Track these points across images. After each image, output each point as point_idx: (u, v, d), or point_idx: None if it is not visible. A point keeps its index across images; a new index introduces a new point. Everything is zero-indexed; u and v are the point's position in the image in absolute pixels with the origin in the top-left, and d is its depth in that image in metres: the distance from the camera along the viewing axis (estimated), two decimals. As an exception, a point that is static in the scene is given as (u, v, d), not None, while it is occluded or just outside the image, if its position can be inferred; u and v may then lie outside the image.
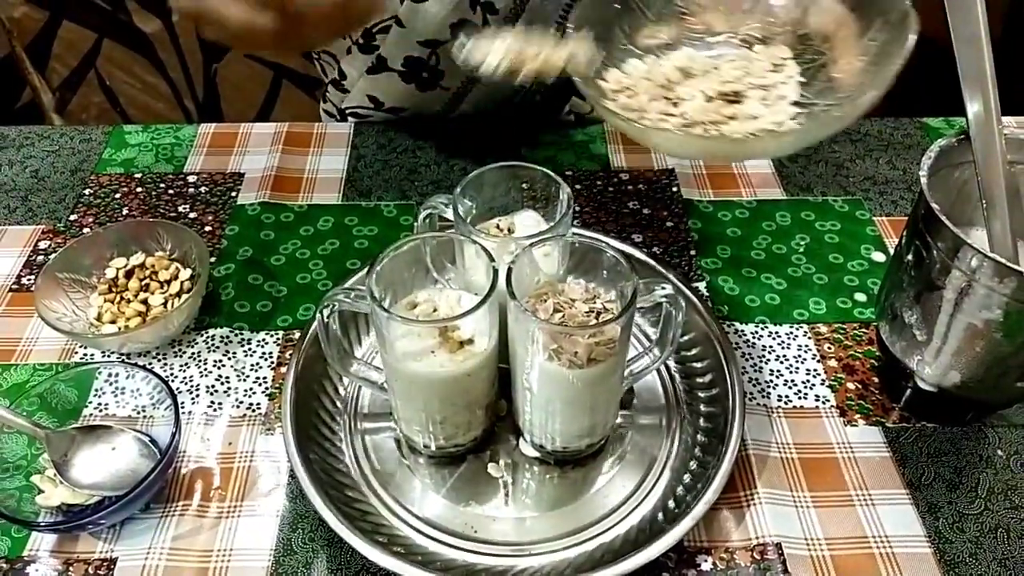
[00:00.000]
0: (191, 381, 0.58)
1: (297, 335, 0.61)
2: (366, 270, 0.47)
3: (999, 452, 0.54)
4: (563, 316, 0.47)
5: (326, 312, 0.48)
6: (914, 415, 0.56)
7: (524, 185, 0.54)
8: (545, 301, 0.47)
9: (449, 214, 0.52)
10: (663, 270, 0.61)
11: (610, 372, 0.47)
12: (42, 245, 0.69)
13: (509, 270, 0.45)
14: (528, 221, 0.55)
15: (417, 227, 0.55)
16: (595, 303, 0.48)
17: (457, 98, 0.82)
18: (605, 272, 0.48)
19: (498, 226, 0.54)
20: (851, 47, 0.51)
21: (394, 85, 0.80)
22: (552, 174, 0.52)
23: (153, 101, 1.56)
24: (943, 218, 0.45)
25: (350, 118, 0.86)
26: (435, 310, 0.50)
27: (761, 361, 0.60)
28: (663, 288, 0.47)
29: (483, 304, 0.45)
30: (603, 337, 0.45)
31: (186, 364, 0.60)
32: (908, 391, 0.55)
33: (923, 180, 0.47)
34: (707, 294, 0.65)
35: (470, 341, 0.48)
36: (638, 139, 0.50)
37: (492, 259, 0.46)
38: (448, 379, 0.47)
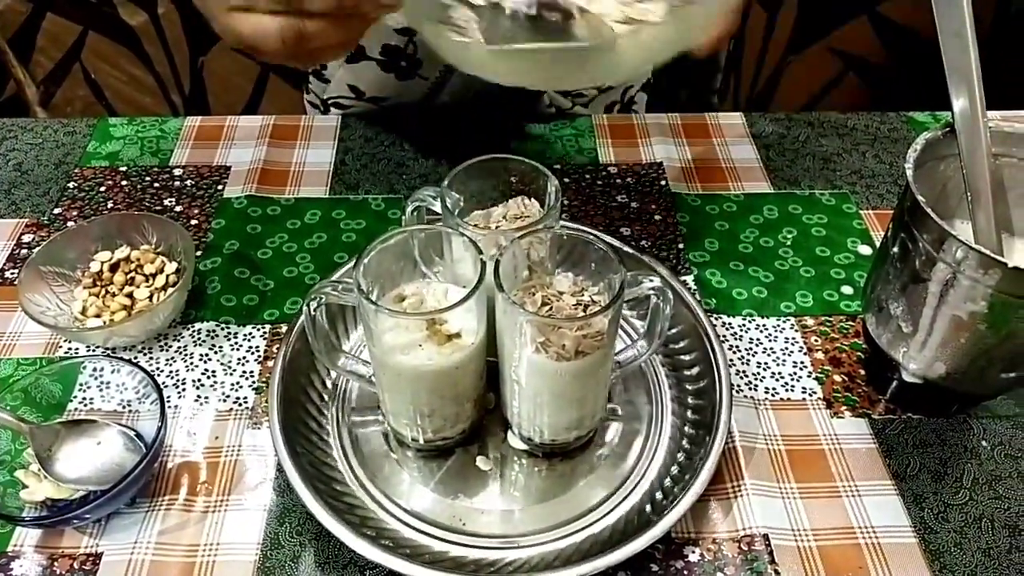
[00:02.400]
0: (177, 375, 0.58)
1: (284, 329, 0.60)
2: (353, 263, 0.47)
3: (984, 443, 0.55)
4: (551, 309, 0.47)
5: (313, 305, 0.48)
6: (900, 407, 0.56)
7: (512, 178, 0.54)
8: (533, 294, 0.47)
9: (437, 207, 0.52)
10: (651, 263, 0.61)
11: (598, 365, 0.47)
12: (26, 239, 0.69)
13: (497, 263, 0.45)
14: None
15: (405, 220, 0.54)
16: (583, 296, 0.48)
17: (436, 88, 0.82)
18: (593, 265, 0.48)
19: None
20: None
21: (373, 74, 0.80)
22: (540, 166, 0.52)
23: (139, 95, 1.55)
24: (928, 210, 0.45)
25: (333, 109, 0.86)
26: (422, 303, 0.49)
27: (748, 354, 0.60)
28: (651, 281, 0.47)
29: (470, 296, 0.44)
30: (591, 330, 0.45)
31: (172, 358, 0.59)
32: (894, 383, 0.56)
33: (909, 173, 0.47)
34: (695, 287, 0.65)
35: (457, 334, 0.47)
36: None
37: (480, 252, 0.46)
38: (436, 372, 0.47)
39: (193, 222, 0.70)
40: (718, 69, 1.03)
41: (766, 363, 0.59)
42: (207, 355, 0.59)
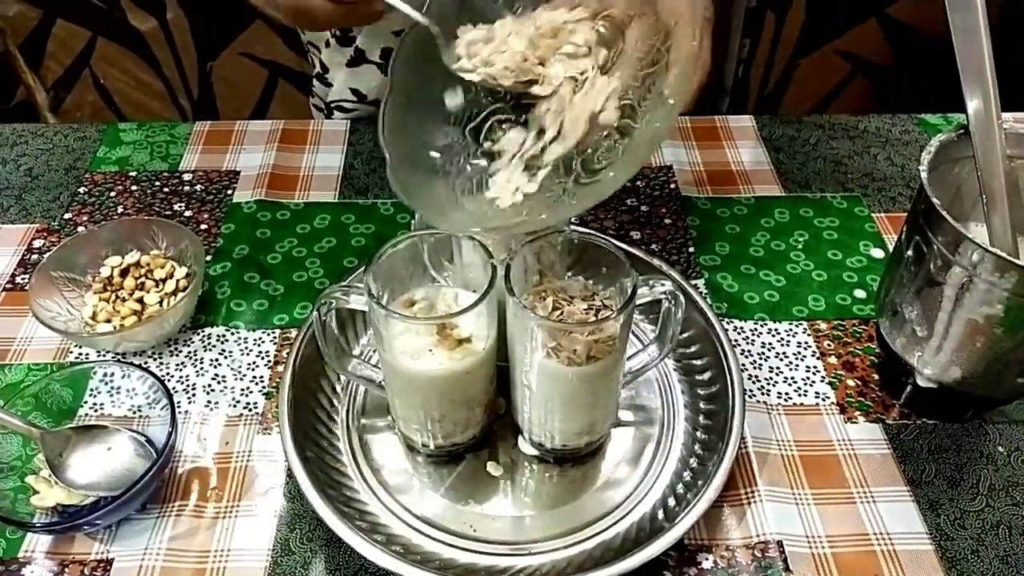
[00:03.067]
0: (187, 380, 0.58)
1: (294, 333, 0.60)
2: (363, 268, 0.47)
3: (1000, 448, 0.54)
4: (562, 313, 0.46)
5: (323, 310, 0.48)
6: (914, 412, 0.56)
7: (522, 181, 0.54)
8: (544, 298, 0.47)
9: (447, 211, 0.51)
10: (662, 267, 0.60)
11: (609, 369, 0.47)
12: (36, 244, 0.69)
13: (507, 267, 0.45)
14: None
15: (415, 224, 0.54)
16: (594, 300, 0.48)
17: None
18: (604, 269, 0.48)
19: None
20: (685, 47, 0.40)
21: (374, 78, 0.80)
22: (550, 170, 0.52)
23: (148, 99, 1.56)
24: (944, 213, 0.44)
25: (336, 112, 0.86)
26: (433, 308, 0.49)
27: (761, 358, 0.59)
28: (662, 285, 0.47)
29: (481, 301, 0.44)
30: (602, 334, 0.45)
31: (182, 363, 0.59)
32: (908, 388, 0.55)
33: (923, 175, 0.47)
34: (706, 291, 0.64)
35: (468, 339, 0.47)
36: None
37: (490, 256, 0.46)
38: (446, 377, 0.47)
39: (203, 227, 0.70)
40: (726, 93, 1.03)
41: (778, 368, 0.59)
42: (217, 360, 0.59)
